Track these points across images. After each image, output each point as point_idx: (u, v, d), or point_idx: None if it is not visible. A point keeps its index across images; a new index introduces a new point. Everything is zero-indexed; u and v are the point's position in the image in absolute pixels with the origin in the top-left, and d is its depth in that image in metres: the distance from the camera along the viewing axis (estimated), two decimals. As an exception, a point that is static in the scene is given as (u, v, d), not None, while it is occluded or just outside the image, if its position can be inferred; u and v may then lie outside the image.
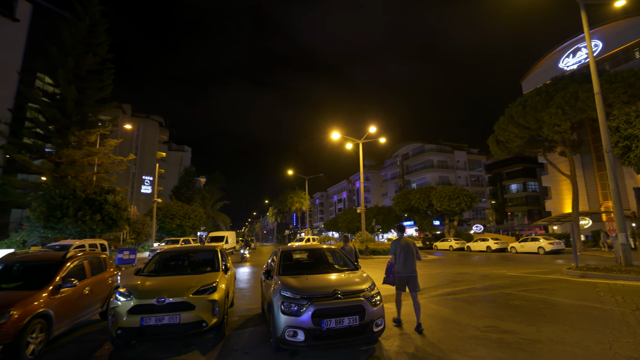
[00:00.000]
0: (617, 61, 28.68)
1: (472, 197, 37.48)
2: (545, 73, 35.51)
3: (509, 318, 6.16)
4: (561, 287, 9.23)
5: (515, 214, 60.17)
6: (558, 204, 34.56)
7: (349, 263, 6.08)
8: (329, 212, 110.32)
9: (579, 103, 22.54)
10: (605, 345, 4.59)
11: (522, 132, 27.21)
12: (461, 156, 59.43)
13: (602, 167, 30.61)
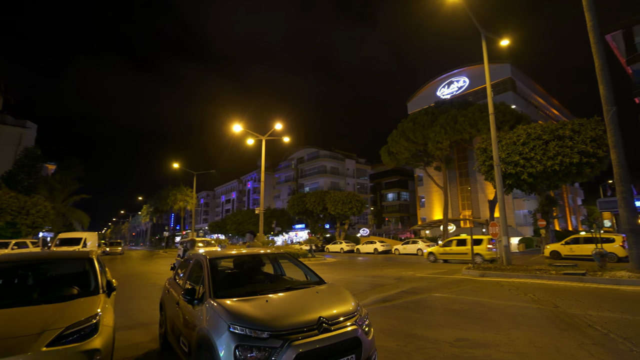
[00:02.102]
0: (478, 97, 35.15)
1: (362, 203, 40.02)
2: (426, 97, 40.99)
3: (467, 326, 5.72)
4: (476, 287, 9.63)
5: (390, 220, 67.77)
6: (430, 211, 40.02)
7: (308, 273, 4.47)
8: (215, 213, 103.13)
9: (457, 125, 26.23)
10: (581, 346, 4.33)
11: (410, 146, 30.25)
12: (351, 164, 63.67)
13: (464, 181, 36.81)
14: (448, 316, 6.51)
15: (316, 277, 4.32)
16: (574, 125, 19.32)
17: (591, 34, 10.82)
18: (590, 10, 10.69)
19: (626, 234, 9.86)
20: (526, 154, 19.78)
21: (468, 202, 36.20)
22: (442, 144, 27.01)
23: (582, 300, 7.48)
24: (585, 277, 9.68)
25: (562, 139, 18.94)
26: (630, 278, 8.93)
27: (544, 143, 19.40)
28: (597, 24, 10.64)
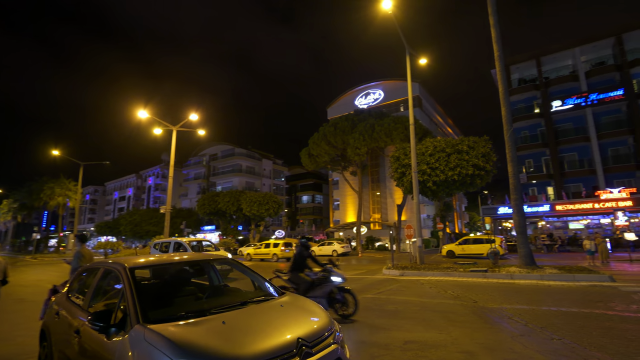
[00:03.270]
0: (391, 109, 38.25)
1: (280, 204, 39.41)
2: (345, 105, 42.81)
3: (410, 327, 5.74)
4: (401, 286, 10.00)
5: (304, 222, 68.72)
6: (343, 214, 41.70)
7: (259, 282, 3.72)
8: (104, 212, 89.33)
9: (374, 134, 27.87)
10: (513, 339, 4.62)
11: (331, 150, 31.01)
12: (268, 165, 62.50)
13: (375, 187, 39.42)
14: (388, 318, 6.44)
15: (271, 286, 3.61)
16: (469, 142, 22.24)
17: (497, 63, 12.47)
18: (497, 43, 12.32)
19: (517, 235, 11.60)
20: (432, 164, 22.03)
21: (378, 205, 38.92)
22: (360, 150, 28.35)
23: (492, 294, 8.31)
24: (487, 273, 10.98)
25: (461, 153, 21.64)
26: (520, 273, 10.41)
27: (447, 155, 21.89)
28: (502, 55, 12.31)
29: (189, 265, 3.88)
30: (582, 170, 28.09)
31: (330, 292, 6.34)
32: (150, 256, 4.01)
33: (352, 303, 6.39)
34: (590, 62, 29.91)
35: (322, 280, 6.46)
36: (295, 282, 6.51)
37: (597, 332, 5.12)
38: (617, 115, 27.72)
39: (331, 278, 6.45)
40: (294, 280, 6.56)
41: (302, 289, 6.31)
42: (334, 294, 6.37)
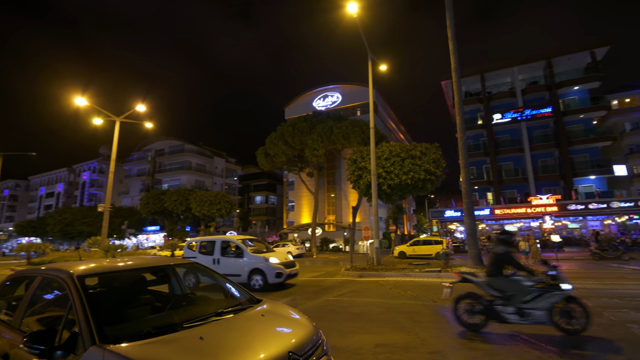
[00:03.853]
0: (348, 113, 38.92)
1: (232, 204, 38.03)
2: (303, 106, 42.69)
3: (378, 330, 5.72)
4: (362, 287, 10.03)
5: (256, 223, 67.17)
6: (298, 215, 41.45)
7: (231, 287, 3.35)
8: (27, 210, 79.14)
9: (332, 136, 28.07)
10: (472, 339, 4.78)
11: (288, 150, 30.62)
12: (220, 163, 60.06)
13: (330, 188, 39.75)
14: (354, 321, 6.34)
15: (245, 293, 3.27)
16: (422, 148, 23.29)
17: (453, 74, 13.17)
18: (454, 55, 13.01)
19: (467, 237, 12.32)
20: (387, 168, 22.71)
21: (333, 207, 39.30)
22: (318, 152, 28.36)
23: (448, 294, 8.65)
24: (441, 273, 11.48)
25: (414, 158, 22.59)
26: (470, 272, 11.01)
27: (402, 160, 22.69)
28: (459, 67, 13.03)
29: (148, 270, 3.38)
30: (517, 178, 31.09)
31: (556, 302, 5.01)
32: (98, 261, 3.42)
33: (582, 314, 4.94)
34: (526, 81, 33.29)
35: (547, 287, 5.10)
36: (501, 288, 5.30)
37: (549, 327, 5.48)
38: (546, 130, 31.14)
39: (561, 285, 5.04)
40: (498, 287, 5.33)
41: (518, 299, 5.12)
42: (561, 305, 5.02)
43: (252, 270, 9.97)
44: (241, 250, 10.41)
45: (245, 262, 10.16)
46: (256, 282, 9.86)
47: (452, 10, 13.22)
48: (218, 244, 10.83)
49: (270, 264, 9.90)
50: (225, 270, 9.98)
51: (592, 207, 25.03)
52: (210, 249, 10.96)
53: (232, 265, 10.29)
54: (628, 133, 32.22)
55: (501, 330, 5.41)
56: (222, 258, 10.51)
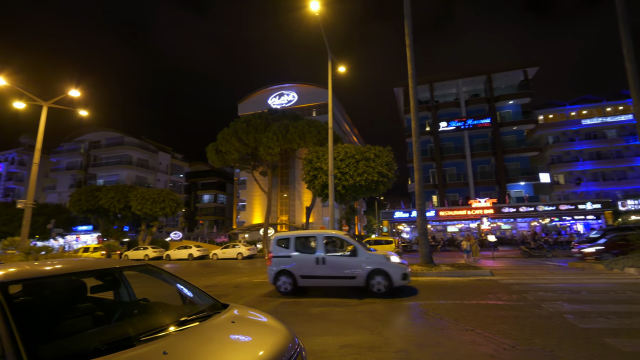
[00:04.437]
0: (304, 113, 38.81)
1: (178, 203, 35.78)
2: (258, 103, 41.71)
3: (341, 331, 5.63)
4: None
5: (204, 223, 64.09)
6: (250, 215, 40.30)
7: (190, 291, 2.96)
8: None
9: (288, 135, 27.73)
10: (436, 333, 4.89)
11: (242, 147, 29.61)
12: (165, 159, 56.24)
13: (284, 188, 39.29)
14: (316, 322, 6.17)
15: (208, 297, 2.90)
16: (376, 150, 23.97)
17: (410, 81, 13.66)
18: (412, 62, 13.50)
19: (419, 236, 12.83)
20: (343, 169, 22.98)
21: (286, 207, 38.88)
22: (273, 150, 27.81)
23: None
24: (395, 272, 11.76)
25: (368, 160, 23.15)
26: (422, 271, 11.49)
27: (356, 162, 23.13)
28: (415, 74, 13.54)
29: (90, 275, 2.83)
30: (459, 182, 33.53)
31: None
32: (21, 265, 2.79)
33: None
34: (469, 93, 36.09)
35: None
36: None
37: (498, 321, 5.79)
38: (484, 139, 34.03)
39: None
40: None
41: None
42: None
43: (372, 271, 8.34)
44: (354, 247, 8.71)
45: (361, 262, 8.46)
46: (378, 285, 8.24)
47: (410, 20, 13.72)
48: (320, 240, 8.93)
49: (394, 263, 8.42)
50: (335, 271, 8.58)
51: (522, 210, 27.91)
52: (311, 246, 9.22)
53: (344, 265, 8.56)
54: (551, 145, 36.50)
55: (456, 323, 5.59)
56: (329, 257, 8.66)
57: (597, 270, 11.52)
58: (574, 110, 37.44)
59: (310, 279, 8.72)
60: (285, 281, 8.76)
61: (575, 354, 4.17)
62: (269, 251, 9.35)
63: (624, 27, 11.32)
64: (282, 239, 9.31)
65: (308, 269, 8.68)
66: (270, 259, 9.03)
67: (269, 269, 8.98)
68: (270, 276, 8.95)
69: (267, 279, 9.31)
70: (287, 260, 8.84)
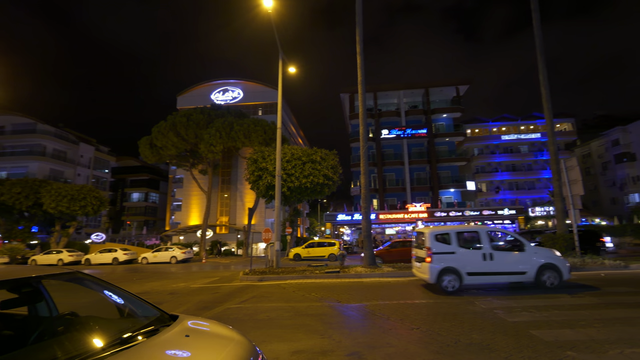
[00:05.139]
0: (250, 111, 37.72)
1: (102, 200, 32.07)
2: (200, 97, 39.45)
3: (291, 336, 5.45)
4: (264, 292, 9.53)
5: (131, 224, 58.51)
6: (186, 216, 37.77)
7: (128, 302, 2.56)
8: None
9: (232, 132, 26.66)
10: (385, 333, 5.00)
11: (180, 143, 27.67)
12: (87, 151, 50.14)
13: (225, 188, 37.62)
14: (264, 328, 5.88)
15: (153, 308, 2.53)
16: (322, 153, 24.20)
17: (359, 87, 14.02)
18: (362, 69, 13.88)
19: (364, 238, 13.16)
20: (289, 170, 22.76)
21: (226, 208, 37.25)
22: (215, 148, 26.48)
23: (349, 293, 8.96)
24: (340, 274, 11.91)
25: (315, 163, 23.28)
26: (366, 272, 11.79)
27: (302, 164, 23.10)
28: (364, 81, 13.93)
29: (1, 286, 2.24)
30: (397, 187, 35.51)
31: None
32: None
33: None
34: (409, 104, 38.56)
35: None
36: None
37: (439, 318, 6.11)
38: (421, 148, 36.59)
39: None
40: None
41: None
42: None
43: (542, 266, 8.24)
44: (520, 242, 8.52)
45: (530, 256, 8.34)
46: (549, 280, 8.25)
47: (361, 28, 14.11)
48: (484, 234, 8.50)
49: (561, 257, 8.47)
50: (504, 267, 8.31)
51: (452, 215, 30.53)
52: (474, 240, 8.65)
53: (513, 260, 8.36)
54: (476, 157, 40.62)
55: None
56: (496, 252, 8.34)
57: (515, 268, 12.97)
58: (495, 126, 42.23)
59: (477, 275, 8.34)
60: (451, 279, 8.27)
61: (508, 346, 4.53)
62: (204, 254, 8.67)
63: (541, 58, 13.01)
64: (441, 234, 8.70)
65: (475, 266, 8.30)
66: (429, 255, 8.38)
67: (430, 267, 8.29)
68: (432, 275, 8.29)
69: (206, 284, 8.70)
70: (451, 257, 8.32)
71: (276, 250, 14.16)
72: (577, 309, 6.41)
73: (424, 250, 8.57)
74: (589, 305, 6.63)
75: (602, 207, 42.98)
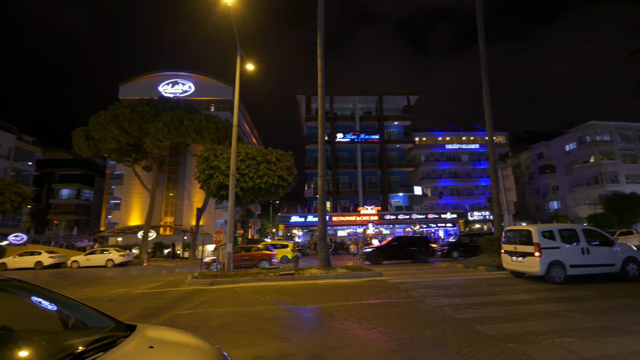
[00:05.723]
0: (202, 107, 35.97)
1: (25, 196, 28.39)
2: (146, 87, 36.78)
3: (248, 341, 5.27)
4: (217, 296, 9.10)
5: (59, 223, 52.50)
6: (126, 215, 34.85)
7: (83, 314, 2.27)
8: None
9: (182, 128, 25.23)
10: (346, 334, 5.07)
11: (122, 136, 25.53)
12: (7, 140, 43.96)
13: (171, 187, 35.45)
14: (219, 335, 5.59)
15: (107, 318, 2.26)
16: (277, 154, 23.87)
17: (319, 89, 14.09)
18: (322, 72, 13.98)
19: (319, 240, 13.20)
20: (242, 170, 22.08)
21: (172, 208, 35.08)
22: (162, 143, 24.83)
23: (305, 295, 8.93)
24: (295, 276, 11.81)
25: (270, 163, 22.87)
26: (321, 274, 11.84)
27: (257, 164, 22.53)
28: (324, 84, 14.03)
29: None
30: (350, 190, 36.39)
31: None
32: None
33: None
34: (363, 110, 39.79)
35: None
36: None
37: (394, 317, 6.32)
38: (373, 153, 37.93)
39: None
40: None
41: None
42: None
43: (627, 259, 9.79)
44: (606, 238, 10.04)
45: (617, 250, 9.86)
46: (632, 271, 9.78)
47: (323, 31, 14.24)
48: (580, 232, 9.95)
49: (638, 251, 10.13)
50: (597, 260, 9.72)
51: (401, 218, 32.03)
52: (573, 237, 9.93)
53: (604, 254, 9.80)
54: (423, 163, 43.17)
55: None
56: (592, 247, 9.75)
57: (459, 268, 13.95)
58: (440, 136, 45.27)
59: (577, 267, 9.54)
60: (559, 271, 9.46)
61: (458, 341, 4.82)
62: (146, 256, 8.07)
63: (485, 76, 14.21)
64: (546, 231, 9.87)
65: (576, 259, 9.56)
66: (539, 250, 9.52)
67: (540, 260, 9.45)
68: (542, 267, 9.44)
69: (150, 289, 8.07)
70: (557, 252, 9.55)
71: (228, 253, 13.63)
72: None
73: (532, 246, 9.74)
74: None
75: (528, 213, 48.28)
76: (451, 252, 20.63)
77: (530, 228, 10.13)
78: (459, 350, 4.49)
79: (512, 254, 10.48)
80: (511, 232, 11.06)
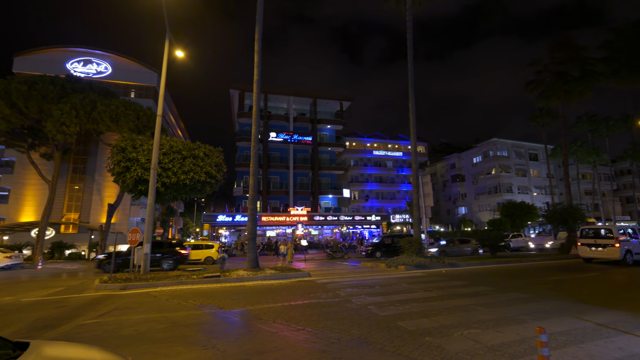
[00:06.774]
0: (120, 92, 32.11)
1: None
2: (50, 63, 31.59)
3: (168, 351, 4.88)
4: (129, 302, 8.18)
5: None
6: (16, 210, 29.30)
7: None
8: None
9: (94, 113, 22.29)
10: (272, 338, 5.05)
11: (15, 116, 21.51)
12: None
13: (78, 179, 31.01)
14: (133, 345, 5.04)
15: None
16: (206, 149, 22.59)
17: (255, 86, 13.73)
18: (258, 68, 13.65)
19: (249, 241, 12.80)
20: (165, 164, 20.38)
21: (77, 203, 30.58)
22: (69, 129, 21.52)
23: (232, 298, 8.59)
24: (220, 278, 11.28)
25: (197, 159, 21.52)
26: (249, 275, 11.52)
27: (182, 158, 21.02)
28: (260, 81, 13.73)
29: None
30: (281, 190, 36.18)
31: None
32: None
33: None
34: (298, 111, 39.97)
35: None
36: None
37: (322, 317, 6.46)
38: (305, 155, 38.37)
39: None
40: None
41: None
42: None
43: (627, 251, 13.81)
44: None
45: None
46: (630, 259, 13.74)
47: (261, 27, 13.93)
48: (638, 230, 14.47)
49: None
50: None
51: (329, 219, 32.94)
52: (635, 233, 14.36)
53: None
54: (352, 167, 45.10)
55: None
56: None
57: (382, 268, 14.86)
58: (369, 142, 47.85)
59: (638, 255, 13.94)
60: (630, 257, 13.57)
61: (382, 338, 5.12)
62: (40, 258, 6.96)
63: (411, 89, 15.46)
64: (621, 227, 13.85)
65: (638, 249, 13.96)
66: (619, 242, 13.37)
67: (620, 249, 13.33)
68: (621, 254, 13.38)
69: (46, 296, 6.93)
70: (628, 243, 13.56)
71: (145, 254, 12.39)
72: None
73: (613, 239, 13.63)
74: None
75: (441, 217, 53.95)
76: (374, 252, 21.94)
77: (609, 226, 14.13)
78: (382, 346, 4.75)
79: (591, 246, 14.21)
80: (588, 229, 14.84)
